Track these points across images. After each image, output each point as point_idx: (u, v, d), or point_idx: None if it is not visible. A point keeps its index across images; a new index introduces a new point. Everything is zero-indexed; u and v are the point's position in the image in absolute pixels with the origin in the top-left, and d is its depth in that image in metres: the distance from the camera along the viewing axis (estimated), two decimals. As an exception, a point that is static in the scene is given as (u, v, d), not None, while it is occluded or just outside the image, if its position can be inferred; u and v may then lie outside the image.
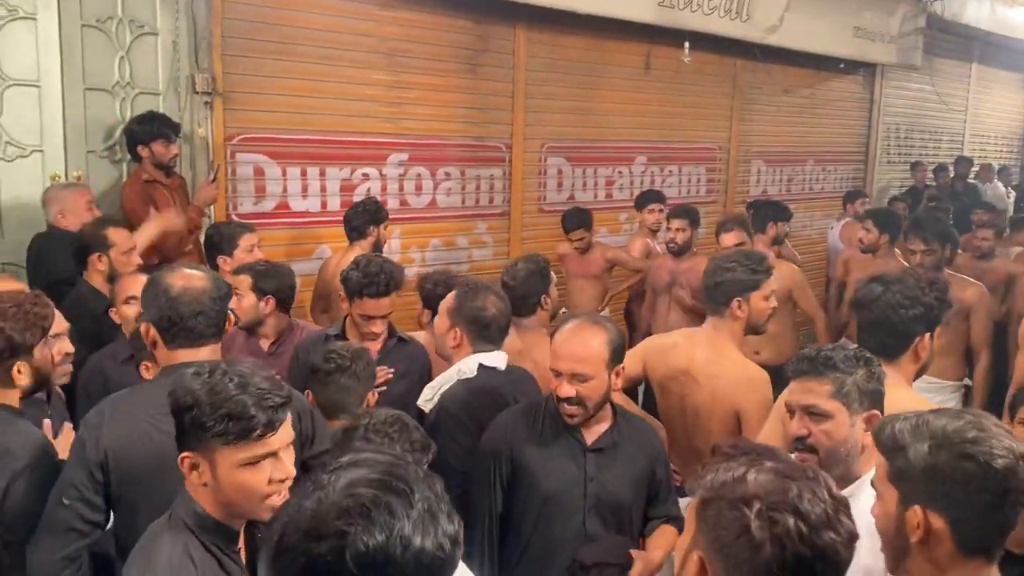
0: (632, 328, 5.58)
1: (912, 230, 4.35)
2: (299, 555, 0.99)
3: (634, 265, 5.46)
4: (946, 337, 4.15)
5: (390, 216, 4.56)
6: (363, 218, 4.25)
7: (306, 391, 2.54)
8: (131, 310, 2.92)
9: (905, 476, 1.43)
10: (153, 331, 2.04)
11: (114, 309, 3.03)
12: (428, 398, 2.68)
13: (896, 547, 1.48)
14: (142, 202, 3.94)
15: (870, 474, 1.86)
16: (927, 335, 2.34)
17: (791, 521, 1.11)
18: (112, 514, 2.00)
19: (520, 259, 3.27)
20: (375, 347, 3.02)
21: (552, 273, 3.23)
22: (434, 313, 3.19)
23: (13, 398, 2.14)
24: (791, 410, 2.00)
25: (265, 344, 3.33)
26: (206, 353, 2.02)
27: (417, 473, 1.07)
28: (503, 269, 3.31)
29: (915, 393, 2.35)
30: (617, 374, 2.33)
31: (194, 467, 1.55)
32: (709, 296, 2.82)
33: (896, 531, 1.46)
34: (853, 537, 1.16)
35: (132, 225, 3.73)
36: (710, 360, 2.76)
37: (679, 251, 4.86)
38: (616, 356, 2.31)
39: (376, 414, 2.16)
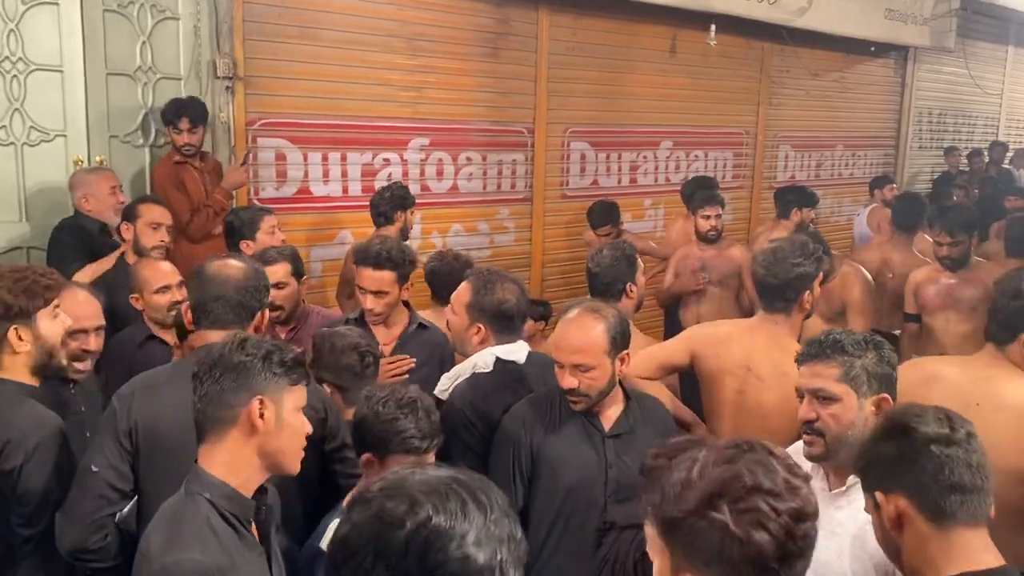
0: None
1: (937, 222, 4.24)
2: (372, 504, 1.00)
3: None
4: (974, 323, 4.07)
5: (411, 201, 4.53)
6: (390, 203, 4.18)
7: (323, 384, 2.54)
8: (163, 299, 2.96)
9: (862, 472, 1.53)
10: (189, 313, 2.21)
11: (135, 296, 3.02)
12: (444, 388, 2.64)
13: (890, 548, 1.51)
14: (170, 184, 4.02)
15: None
16: None
17: (762, 503, 1.10)
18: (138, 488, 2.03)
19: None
20: (395, 332, 3.00)
21: (640, 260, 3.12)
22: (434, 293, 3.30)
23: (21, 373, 2.16)
24: (800, 395, 1.99)
25: (282, 332, 3.27)
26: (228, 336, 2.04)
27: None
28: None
29: None
30: (622, 360, 2.30)
31: (262, 414, 1.61)
32: (777, 293, 2.70)
33: (881, 529, 1.50)
34: (809, 479, 1.17)
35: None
36: (777, 358, 2.64)
37: (718, 238, 4.80)
38: (618, 343, 2.28)
39: (397, 391, 2.15)
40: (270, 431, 1.62)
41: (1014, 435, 2.20)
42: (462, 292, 2.63)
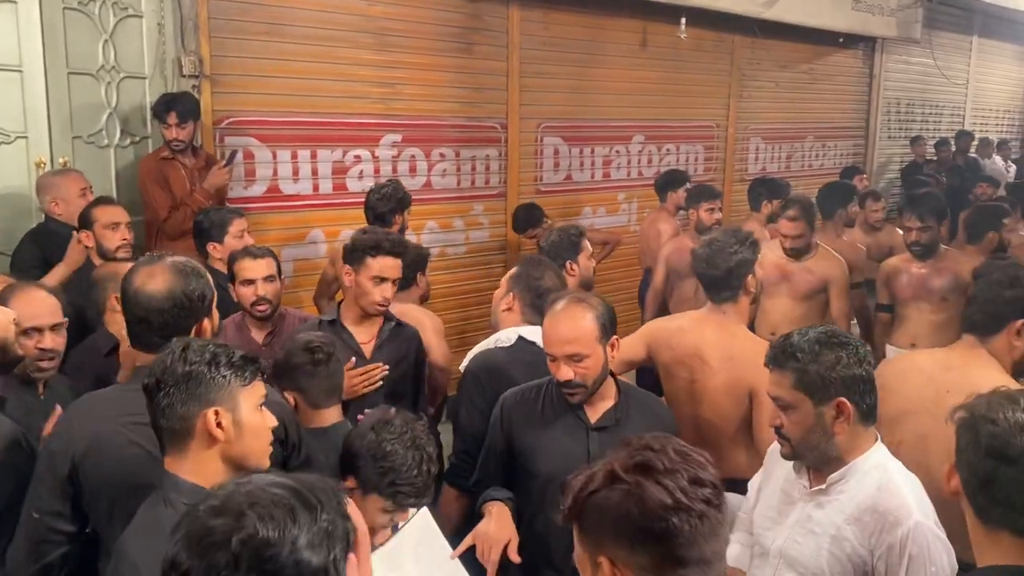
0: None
1: (907, 208, 4.28)
2: (197, 522, 1.00)
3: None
4: (946, 312, 4.13)
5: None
6: (388, 204, 3.94)
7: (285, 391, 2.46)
8: None
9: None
10: None
11: (117, 295, 2.92)
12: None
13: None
14: (152, 179, 4.00)
15: (858, 460, 1.91)
16: (1022, 322, 2.34)
17: (653, 459, 1.15)
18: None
19: (556, 228, 3.44)
20: (373, 331, 2.95)
21: (586, 244, 3.25)
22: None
23: None
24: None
25: (259, 336, 3.19)
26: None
27: (336, 499, 1.05)
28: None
29: (1004, 376, 2.29)
30: (612, 346, 2.32)
31: (219, 423, 1.57)
32: (721, 283, 2.80)
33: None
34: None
35: (146, 200, 3.98)
36: (724, 345, 2.74)
37: None
38: (607, 329, 2.30)
39: (410, 430, 2.09)
40: (231, 438, 1.58)
41: None
42: (513, 269, 2.91)
